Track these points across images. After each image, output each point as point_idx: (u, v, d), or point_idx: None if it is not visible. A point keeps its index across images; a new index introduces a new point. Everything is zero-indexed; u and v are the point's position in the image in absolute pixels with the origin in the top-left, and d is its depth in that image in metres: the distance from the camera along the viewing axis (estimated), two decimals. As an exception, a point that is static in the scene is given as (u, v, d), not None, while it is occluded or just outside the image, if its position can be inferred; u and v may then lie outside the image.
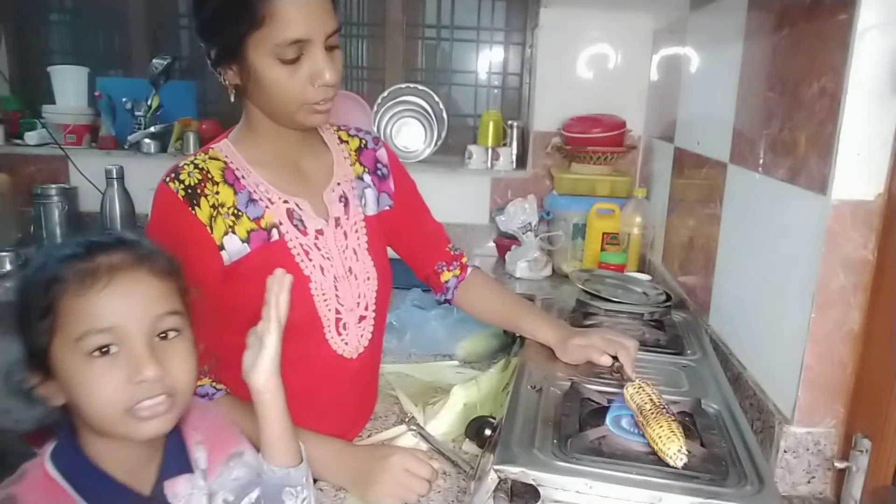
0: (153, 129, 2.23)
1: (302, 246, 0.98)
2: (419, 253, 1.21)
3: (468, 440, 1.04)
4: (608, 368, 1.03)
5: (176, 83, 2.32)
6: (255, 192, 0.96)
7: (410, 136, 2.34)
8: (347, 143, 1.12)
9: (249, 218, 0.95)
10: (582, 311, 1.33)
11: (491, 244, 2.25)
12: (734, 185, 1.26)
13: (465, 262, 1.22)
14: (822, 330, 0.91)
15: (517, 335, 1.27)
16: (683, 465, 0.75)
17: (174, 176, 0.93)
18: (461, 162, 2.28)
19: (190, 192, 0.92)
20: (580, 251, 1.98)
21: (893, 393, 0.83)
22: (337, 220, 1.03)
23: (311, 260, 0.98)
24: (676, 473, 0.75)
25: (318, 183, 1.04)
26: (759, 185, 1.12)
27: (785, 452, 0.95)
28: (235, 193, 0.95)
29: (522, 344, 1.18)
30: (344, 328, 1.02)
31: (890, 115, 0.84)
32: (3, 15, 2.43)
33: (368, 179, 1.11)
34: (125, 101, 2.22)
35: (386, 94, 2.30)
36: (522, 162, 2.28)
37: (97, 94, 2.25)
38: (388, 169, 1.14)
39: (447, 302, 1.21)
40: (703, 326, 1.32)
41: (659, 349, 1.16)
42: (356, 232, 1.05)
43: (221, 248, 0.93)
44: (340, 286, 1.01)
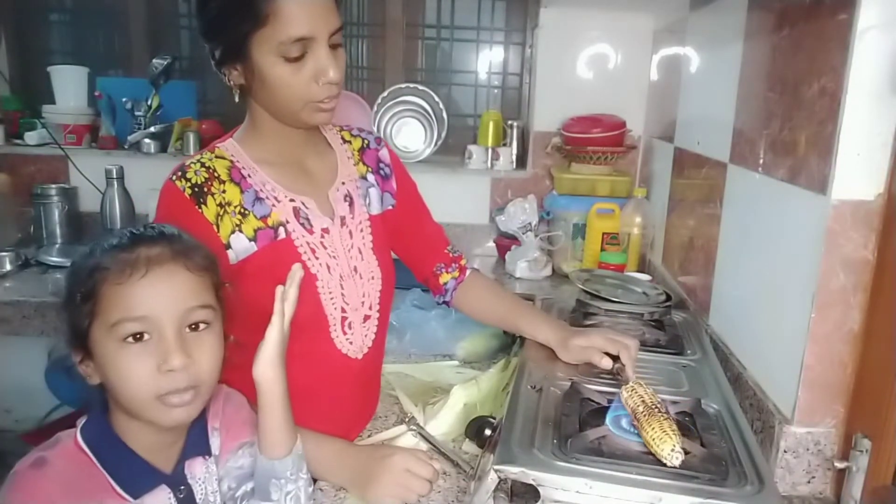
0: (153, 129, 2.23)
1: (309, 244, 0.98)
2: (418, 254, 1.21)
3: (468, 440, 1.04)
4: (609, 370, 1.03)
5: (176, 83, 2.32)
6: (261, 190, 0.97)
7: (410, 136, 2.34)
8: (350, 143, 1.12)
9: (256, 216, 0.95)
10: (582, 311, 1.33)
11: (491, 244, 2.25)
12: (734, 185, 1.26)
13: (463, 264, 1.22)
14: (822, 330, 0.91)
15: (517, 335, 1.27)
16: (682, 463, 0.75)
17: (181, 174, 0.93)
18: (461, 162, 2.29)
19: (197, 190, 0.92)
20: (580, 251, 1.98)
21: (893, 393, 0.83)
22: (342, 219, 1.03)
23: (317, 258, 0.98)
24: (676, 473, 0.75)
25: (322, 182, 1.04)
26: (759, 185, 1.12)
27: (785, 452, 0.95)
28: (242, 192, 0.95)
29: (522, 344, 1.17)
30: (349, 327, 1.02)
31: (890, 115, 0.84)
32: (3, 15, 2.43)
33: (372, 179, 1.11)
34: (125, 101, 2.22)
35: (386, 94, 2.30)
36: (522, 162, 2.28)
37: (97, 94, 2.25)
38: (390, 169, 1.14)
39: (446, 304, 1.22)
40: (703, 326, 1.32)
41: (659, 349, 1.16)
42: (361, 231, 1.05)
43: (228, 246, 0.93)
44: (346, 285, 1.01)
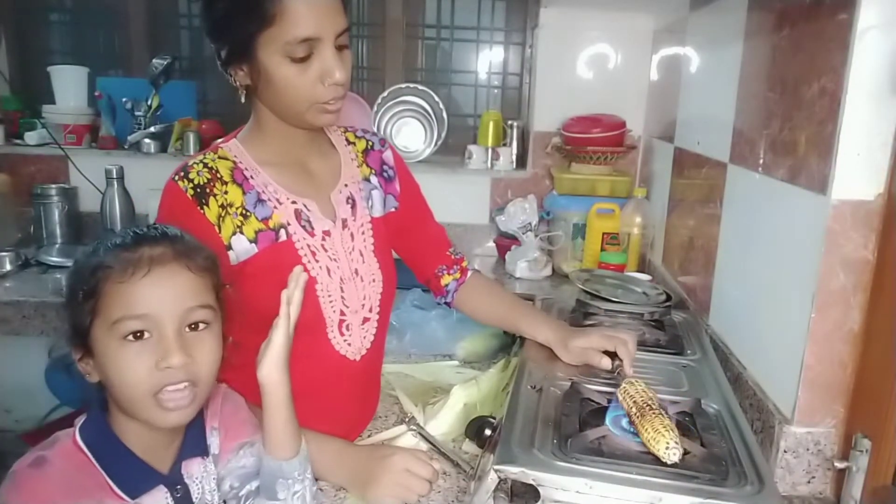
0: (153, 129, 2.23)
1: (309, 247, 0.98)
2: (421, 256, 1.21)
3: (468, 440, 1.04)
4: (609, 370, 1.04)
5: (176, 83, 2.32)
6: (263, 192, 0.96)
7: (410, 136, 2.34)
8: (354, 144, 1.12)
9: (258, 218, 0.95)
10: (582, 311, 1.33)
11: (491, 244, 2.25)
12: (734, 185, 1.26)
13: (465, 265, 1.22)
14: (822, 330, 0.91)
15: (517, 335, 1.27)
16: (682, 463, 0.75)
17: (183, 175, 0.93)
18: (461, 162, 2.28)
19: (199, 191, 0.92)
20: (580, 251, 1.98)
21: (893, 393, 0.83)
22: (344, 221, 1.03)
23: (317, 261, 0.98)
24: (676, 473, 0.75)
25: (325, 184, 1.04)
26: (759, 185, 1.12)
27: (785, 452, 0.95)
28: (244, 193, 0.95)
29: (522, 344, 1.17)
30: (347, 329, 1.02)
31: (890, 115, 0.84)
32: (3, 15, 2.43)
33: (375, 181, 1.11)
34: (125, 101, 2.22)
35: (386, 94, 2.30)
36: (522, 162, 2.28)
37: (97, 94, 2.24)
38: (394, 171, 1.14)
39: (447, 305, 1.22)
40: (703, 326, 1.32)
41: (659, 349, 1.16)
42: (363, 234, 1.05)
43: (229, 248, 0.93)
44: (346, 288, 1.01)
